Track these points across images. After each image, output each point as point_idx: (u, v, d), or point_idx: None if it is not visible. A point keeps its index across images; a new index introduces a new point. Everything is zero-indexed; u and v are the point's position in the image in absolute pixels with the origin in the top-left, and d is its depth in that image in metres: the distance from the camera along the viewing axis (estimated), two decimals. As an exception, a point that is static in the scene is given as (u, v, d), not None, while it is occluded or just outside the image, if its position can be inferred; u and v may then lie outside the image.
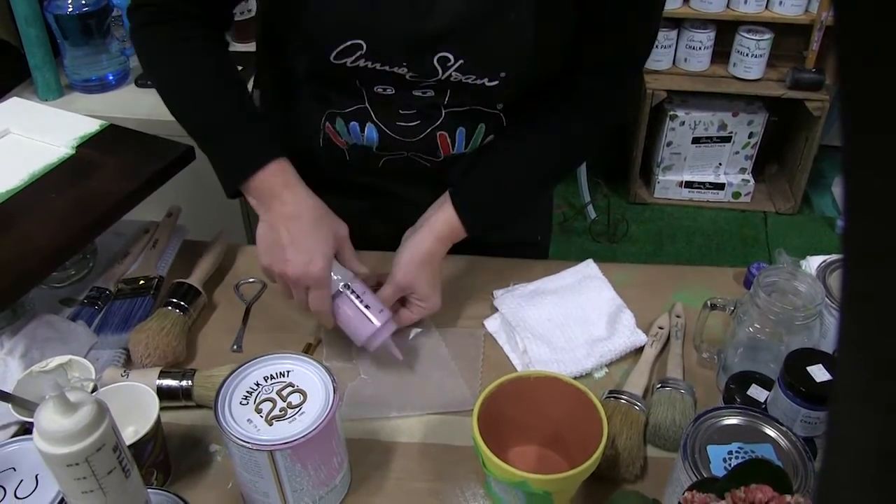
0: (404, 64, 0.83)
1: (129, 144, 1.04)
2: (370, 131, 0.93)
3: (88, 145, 1.02)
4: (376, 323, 0.86)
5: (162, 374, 0.86)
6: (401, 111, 0.91)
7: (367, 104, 0.91)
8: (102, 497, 0.57)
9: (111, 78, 1.69)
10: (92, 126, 1.06)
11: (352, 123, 0.93)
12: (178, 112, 0.90)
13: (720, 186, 2.78)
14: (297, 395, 0.71)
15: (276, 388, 0.72)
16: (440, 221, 0.91)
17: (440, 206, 0.92)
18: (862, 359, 0.24)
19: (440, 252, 0.91)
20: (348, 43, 0.81)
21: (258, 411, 0.70)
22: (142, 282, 1.00)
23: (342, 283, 0.87)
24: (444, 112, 0.91)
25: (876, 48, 0.20)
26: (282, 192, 0.84)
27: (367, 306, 0.87)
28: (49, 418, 0.54)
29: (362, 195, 1.03)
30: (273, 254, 0.83)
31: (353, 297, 0.87)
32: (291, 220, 0.83)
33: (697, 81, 2.57)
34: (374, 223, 1.04)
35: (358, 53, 0.82)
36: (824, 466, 0.27)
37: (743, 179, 2.77)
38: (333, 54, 0.82)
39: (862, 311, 0.23)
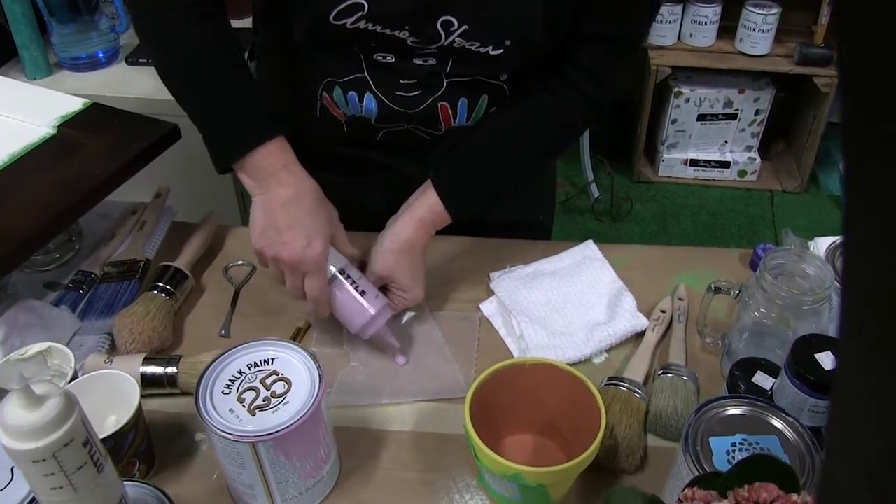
0: (406, 27, 0.80)
1: (114, 123, 1.00)
2: (369, 102, 0.89)
3: (70, 124, 0.99)
4: (371, 310, 0.83)
5: (146, 361, 0.83)
6: (401, 80, 0.87)
7: (366, 73, 0.87)
8: (73, 493, 0.54)
9: (101, 56, 1.65)
10: (74, 105, 1.02)
11: (350, 94, 0.89)
12: (172, 82, 0.84)
13: (726, 164, 2.73)
14: (281, 383, 0.69)
15: (260, 376, 0.69)
16: (422, 207, 0.87)
17: (422, 191, 0.88)
18: (864, 354, 0.22)
19: (422, 240, 0.88)
20: (349, 2, 0.77)
21: (241, 401, 0.67)
22: (128, 265, 0.97)
23: (337, 268, 0.83)
24: (445, 82, 0.87)
25: (876, 34, 0.19)
26: (279, 173, 0.79)
27: (362, 292, 0.84)
28: (13, 412, 0.51)
29: (359, 170, 1.00)
30: (267, 237, 0.80)
31: (347, 282, 0.84)
32: (289, 202, 0.79)
33: (703, 57, 2.52)
34: (371, 199, 1.01)
35: (359, 14, 0.78)
36: (825, 465, 0.26)
37: (749, 157, 2.73)
38: (333, 13, 0.78)
39: (863, 303, 0.22)
